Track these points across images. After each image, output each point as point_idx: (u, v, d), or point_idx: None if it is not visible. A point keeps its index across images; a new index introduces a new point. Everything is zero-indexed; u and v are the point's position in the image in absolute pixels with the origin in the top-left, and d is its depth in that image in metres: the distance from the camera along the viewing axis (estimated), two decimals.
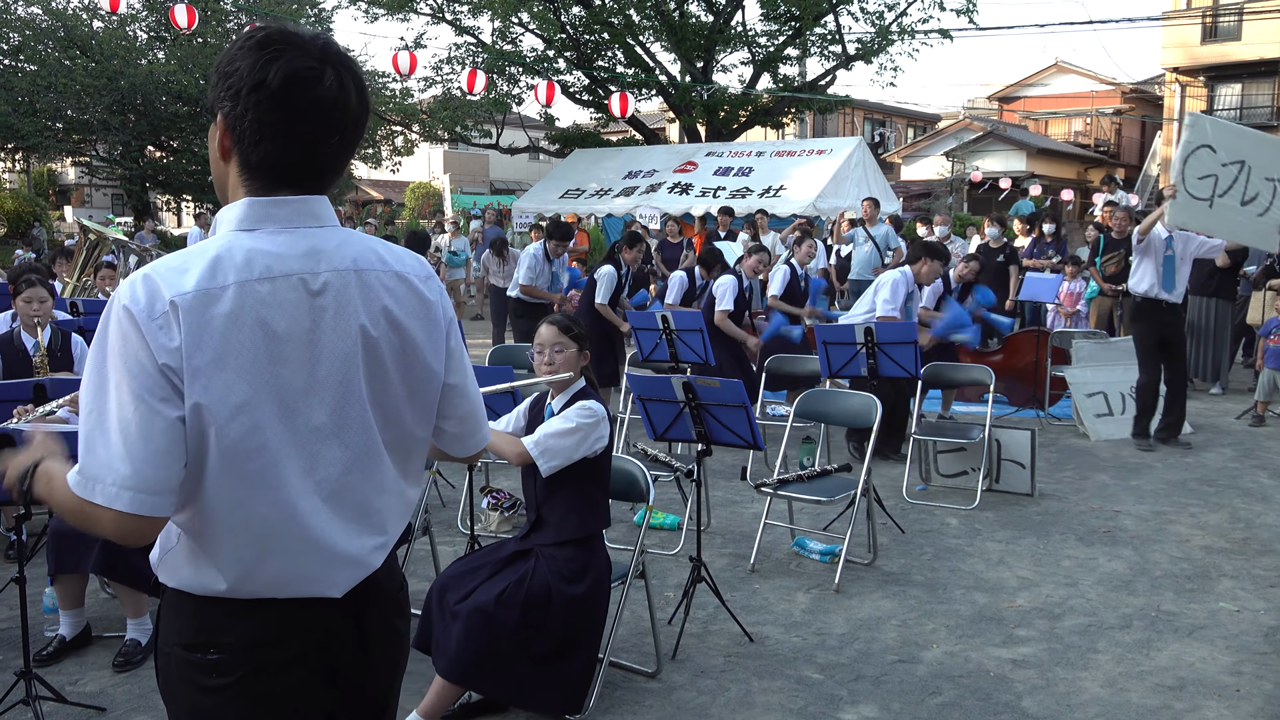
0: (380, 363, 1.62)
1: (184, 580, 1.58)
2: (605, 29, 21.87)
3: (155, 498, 1.45)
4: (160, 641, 1.63)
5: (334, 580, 1.61)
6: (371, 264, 1.63)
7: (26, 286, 5.40)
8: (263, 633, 1.58)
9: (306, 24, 24.70)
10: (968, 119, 34.59)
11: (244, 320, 1.48)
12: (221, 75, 1.54)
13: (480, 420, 1.84)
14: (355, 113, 1.58)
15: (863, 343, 6.06)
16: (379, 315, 1.61)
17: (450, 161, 34.83)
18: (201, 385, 1.46)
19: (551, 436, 3.39)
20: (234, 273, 1.49)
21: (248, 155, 1.55)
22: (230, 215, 1.57)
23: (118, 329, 1.45)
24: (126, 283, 1.48)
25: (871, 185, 17.01)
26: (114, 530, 1.46)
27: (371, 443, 1.63)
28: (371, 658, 1.70)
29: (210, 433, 1.47)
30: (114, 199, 36.18)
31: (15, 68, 24.70)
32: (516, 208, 19.26)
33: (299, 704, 1.62)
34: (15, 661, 3.75)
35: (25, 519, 3.45)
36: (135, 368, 1.43)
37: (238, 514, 1.52)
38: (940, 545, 5.40)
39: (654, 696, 3.69)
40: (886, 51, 22.25)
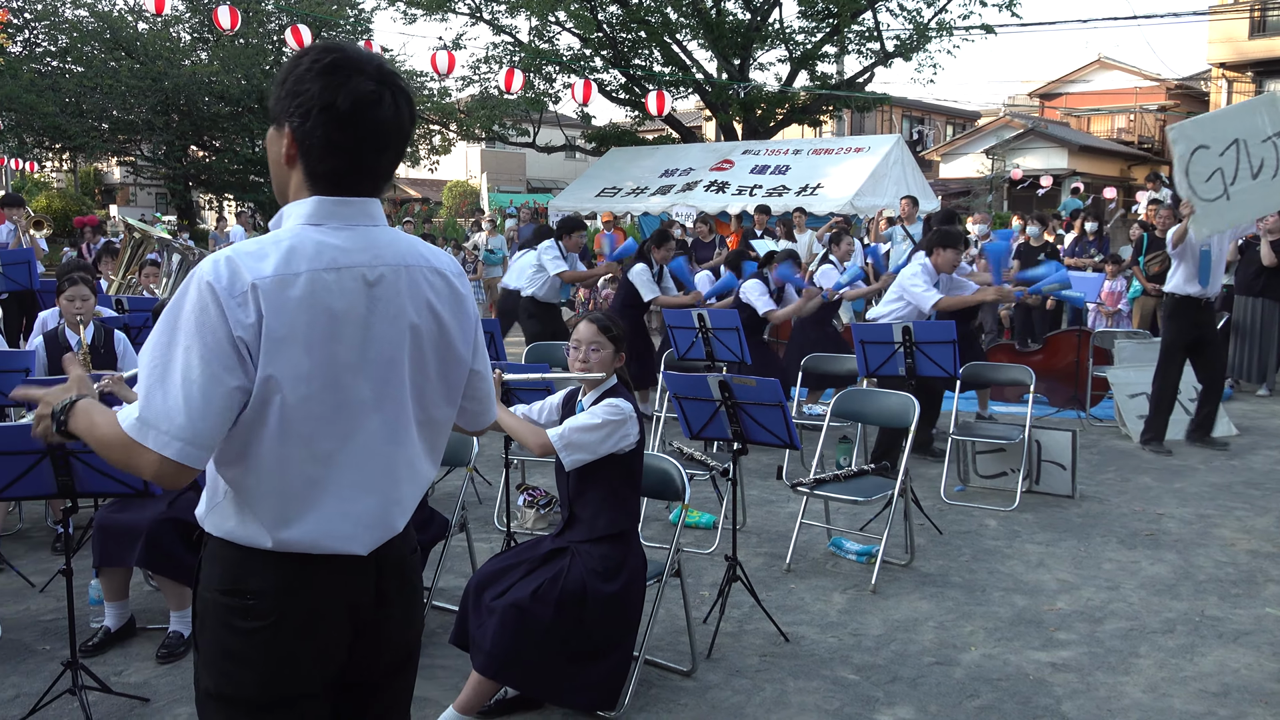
0: (420, 348, 1.82)
1: (228, 531, 1.75)
2: (642, 27, 21.84)
3: (199, 451, 1.62)
4: (200, 586, 1.80)
5: (361, 539, 1.78)
6: (417, 261, 1.83)
7: (69, 285, 5.50)
8: (294, 582, 1.74)
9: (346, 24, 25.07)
10: (1008, 116, 34.20)
11: (312, 303, 1.68)
12: (291, 93, 1.72)
13: (493, 400, 2.08)
14: (406, 129, 1.80)
15: (900, 342, 6.02)
16: (422, 306, 1.82)
17: (487, 160, 35.01)
18: (274, 358, 1.64)
19: (576, 430, 3.40)
20: (305, 262, 1.69)
21: (314, 167, 1.75)
22: (299, 211, 1.76)
23: (198, 299, 1.62)
24: (209, 261, 1.65)
25: (910, 183, 16.86)
26: (153, 472, 1.62)
27: (405, 419, 1.82)
28: (388, 611, 1.86)
29: (275, 400, 1.66)
30: (158, 198, 36.73)
31: (63, 69, 25.17)
32: (553, 206, 19.31)
33: (322, 650, 1.79)
34: (62, 652, 3.82)
35: (72, 512, 3.52)
36: (209, 337, 1.60)
37: (284, 473, 1.71)
38: (979, 547, 5.35)
39: (689, 695, 3.69)
40: (925, 49, 22.04)
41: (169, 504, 3.96)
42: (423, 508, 4.09)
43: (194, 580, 1.83)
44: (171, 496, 3.98)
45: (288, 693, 1.78)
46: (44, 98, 22.88)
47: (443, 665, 3.84)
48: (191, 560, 3.90)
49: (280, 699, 1.77)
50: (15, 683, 3.79)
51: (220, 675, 1.77)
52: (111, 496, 3.78)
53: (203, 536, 1.82)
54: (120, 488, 3.54)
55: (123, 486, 3.54)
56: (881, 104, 25.94)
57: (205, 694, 1.79)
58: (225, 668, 1.76)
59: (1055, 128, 32.95)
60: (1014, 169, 27.79)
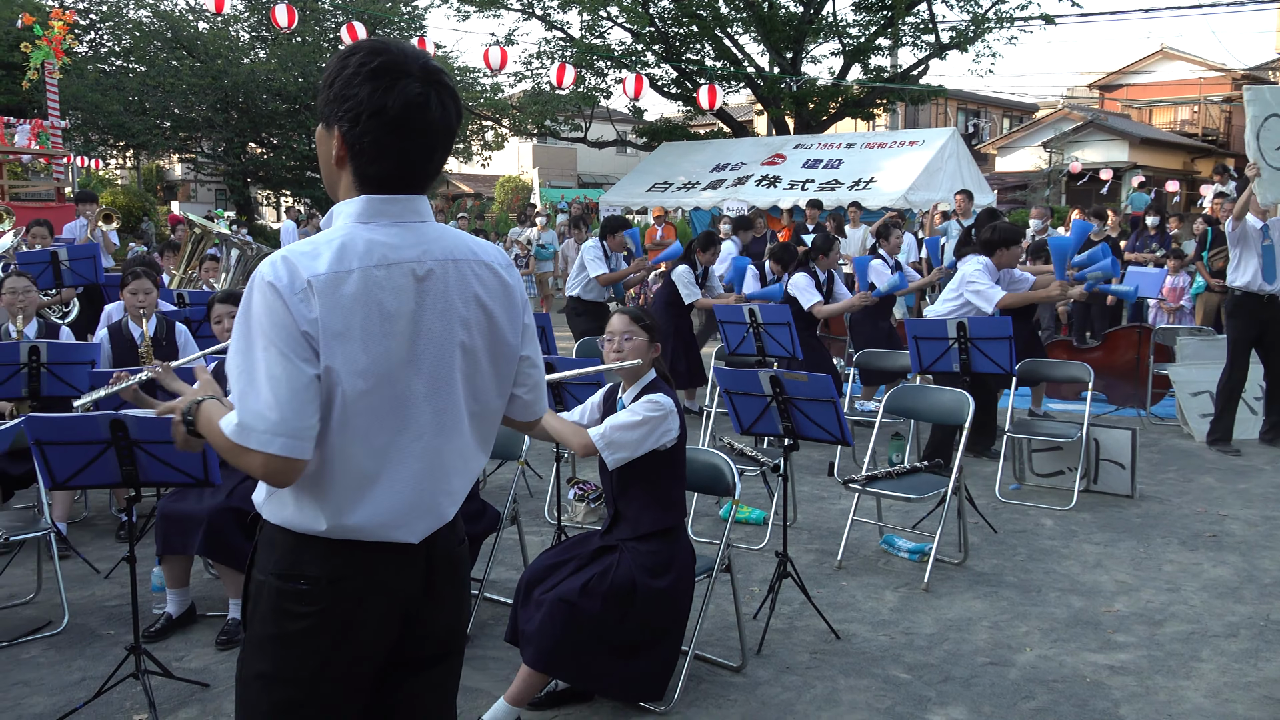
0: (471, 340, 1.86)
1: (286, 518, 1.81)
2: (694, 21, 21.78)
3: (299, 442, 1.68)
4: (255, 570, 1.86)
5: (413, 528, 1.84)
6: (464, 255, 1.87)
7: (132, 279, 5.65)
8: (346, 569, 1.79)
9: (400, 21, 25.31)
10: (1067, 108, 33.54)
11: (365, 299, 1.72)
12: (339, 97, 1.75)
13: (544, 390, 2.10)
14: (453, 128, 1.84)
15: (955, 337, 5.94)
16: (471, 299, 1.86)
17: (539, 155, 35.18)
18: (332, 352, 1.70)
19: (617, 429, 3.39)
20: (357, 259, 1.73)
21: (364, 169, 1.79)
22: (349, 210, 1.80)
23: (263, 300, 1.69)
24: (267, 262, 1.71)
25: (965, 177, 16.63)
26: (263, 471, 1.70)
27: (457, 411, 1.86)
28: (436, 599, 1.91)
29: (337, 392, 1.72)
30: (217, 194, 37.46)
31: (126, 69, 25.76)
32: (604, 201, 19.35)
33: (372, 635, 1.84)
34: (126, 637, 3.92)
35: (136, 500, 3.61)
36: (281, 332, 1.67)
37: (342, 464, 1.76)
38: (1034, 546, 5.27)
39: (738, 691, 3.68)
40: (983, 39, 21.70)
41: (228, 494, 4.05)
42: (474, 500, 4.14)
43: (247, 564, 1.89)
44: (230, 486, 4.06)
45: (337, 675, 1.82)
46: (108, 97, 23.45)
47: (494, 657, 3.88)
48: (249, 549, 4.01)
49: (330, 681, 1.82)
50: (81, 666, 3.90)
51: (273, 657, 1.81)
52: (173, 486, 3.87)
53: (250, 527, 1.89)
54: (181, 477, 3.62)
55: (184, 476, 3.61)
56: (936, 97, 25.62)
57: (256, 674, 1.83)
58: (277, 650, 1.81)
59: (1116, 120, 32.26)
60: (1073, 162, 27.24)
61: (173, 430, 1.90)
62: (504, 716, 3.31)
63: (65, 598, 4.32)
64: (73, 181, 14.82)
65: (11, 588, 4.64)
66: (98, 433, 3.46)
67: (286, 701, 1.81)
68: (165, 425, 3.46)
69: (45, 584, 4.57)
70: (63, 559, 4.58)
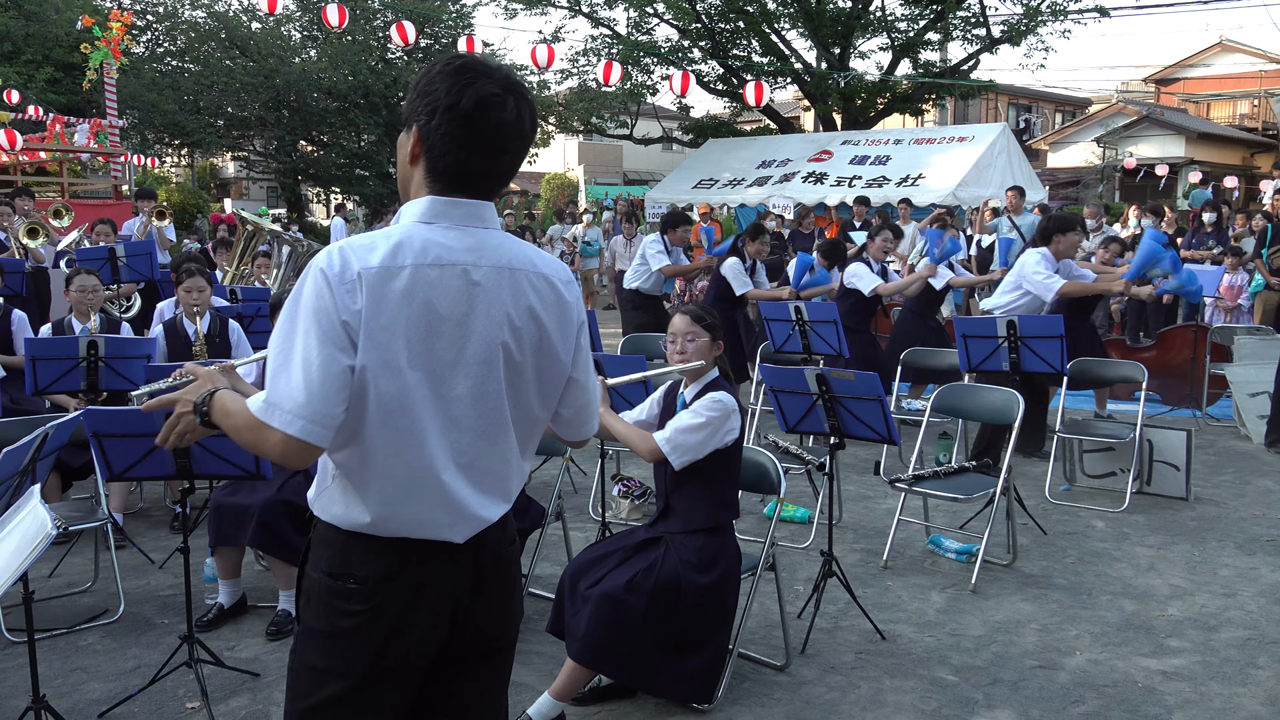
0: (520, 350, 1.86)
1: (335, 515, 1.84)
2: (741, 17, 21.70)
3: (321, 429, 1.70)
4: (308, 567, 1.89)
5: (458, 529, 1.85)
6: (524, 265, 1.88)
7: (186, 276, 5.77)
8: (395, 568, 1.82)
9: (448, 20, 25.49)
10: (1121, 103, 32.91)
11: (414, 297, 1.74)
12: (420, 94, 1.80)
13: (592, 414, 2.09)
14: (526, 135, 1.86)
15: (1005, 336, 5.86)
16: (524, 309, 1.86)
17: (585, 152, 35.28)
18: (372, 345, 1.71)
19: (682, 432, 3.40)
20: (411, 256, 1.75)
21: (435, 163, 1.81)
22: (414, 209, 1.83)
23: (313, 287, 1.71)
24: (325, 251, 1.75)
25: (1016, 173, 16.39)
26: (279, 451, 1.71)
27: (501, 416, 1.87)
28: (485, 597, 1.92)
29: (372, 387, 1.73)
30: (269, 191, 38.04)
31: (182, 68, 26.26)
32: (649, 198, 19.36)
33: (422, 633, 1.85)
34: (179, 626, 4.00)
35: (189, 493, 3.68)
36: (324, 320, 1.69)
37: (388, 461, 1.78)
38: (1085, 548, 5.18)
39: (782, 690, 3.67)
40: (1035, 33, 21.36)
41: (279, 487, 4.11)
42: (519, 495, 4.16)
43: (301, 560, 1.92)
44: (281, 480, 4.12)
45: (386, 670, 1.85)
46: (164, 96, 23.91)
47: (539, 651, 3.90)
48: (300, 542, 4.05)
49: (379, 676, 1.84)
50: (136, 654, 3.99)
51: (324, 651, 1.84)
52: (226, 479, 3.94)
53: (306, 523, 1.93)
54: (234, 470, 3.69)
55: (236, 469, 3.68)
56: (987, 92, 25.28)
57: (307, 666, 1.87)
58: (329, 645, 1.84)
59: (1172, 114, 31.58)
60: (1127, 158, 26.76)
61: (178, 423, 1.90)
62: (549, 711, 3.33)
63: (121, 587, 4.42)
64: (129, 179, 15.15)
65: (70, 576, 4.76)
66: (154, 426, 3.53)
67: (336, 695, 1.84)
68: None
69: (102, 573, 4.68)
70: (119, 549, 4.69)
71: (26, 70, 20.57)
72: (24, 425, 4.29)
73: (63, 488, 5.12)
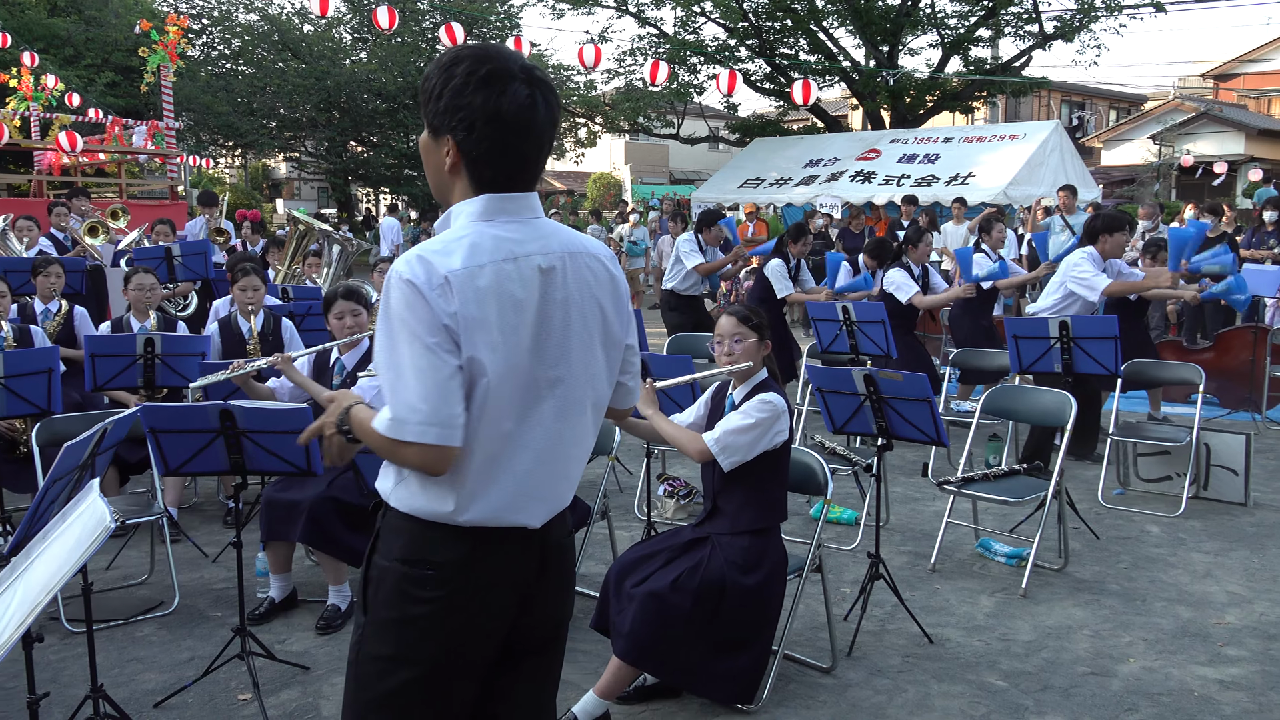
0: (586, 328, 1.94)
1: (415, 506, 1.87)
2: (788, 15, 21.58)
3: (450, 430, 1.75)
4: (379, 556, 1.91)
5: (535, 512, 1.91)
6: (578, 248, 1.95)
7: (242, 275, 5.87)
8: (472, 555, 1.86)
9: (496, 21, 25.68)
10: (1178, 99, 32.21)
11: (498, 291, 1.80)
12: (450, 108, 1.82)
13: (639, 375, 2.17)
14: (557, 122, 1.93)
15: (1057, 336, 5.76)
16: (586, 290, 1.93)
17: (631, 152, 35.31)
18: (473, 342, 1.77)
19: (731, 433, 3.39)
20: (488, 255, 1.81)
21: (481, 173, 1.86)
22: (470, 209, 1.87)
23: (402, 298, 1.75)
24: (402, 262, 1.77)
25: (1069, 171, 16.14)
26: (418, 461, 1.76)
27: (575, 398, 1.93)
28: (547, 585, 1.98)
29: (480, 381, 1.79)
30: (320, 192, 38.57)
31: (235, 71, 26.73)
32: (695, 197, 19.33)
33: (493, 620, 1.91)
34: (231, 619, 4.07)
35: (242, 488, 3.74)
36: (423, 326, 1.73)
37: (471, 452, 1.82)
38: (1139, 554, 5.08)
39: (828, 692, 3.64)
40: (1089, 29, 20.99)
41: (329, 483, 4.17)
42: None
43: (368, 550, 1.94)
44: (332, 476, 4.18)
45: (457, 658, 1.88)
46: (218, 98, 24.38)
47: (583, 650, 3.91)
48: (349, 539, 4.13)
49: (450, 663, 1.88)
50: (190, 646, 4.06)
51: (395, 640, 1.87)
52: (278, 474, 4.00)
53: (372, 514, 1.95)
54: (286, 466, 3.74)
55: (288, 465, 3.74)
56: (1039, 88, 24.87)
57: (374, 657, 1.89)
58: (400, 633, 1.86)
59: (1231, 110, 30.82)
60: (1184, 155, 26.17)
61: (326, 444, 1.95)
62: (594, 709, 3.34)
63: (176, 580, 4.51)
64: (185, 180, 15.46)
65: (127, 569, 4.87)
66: (208, 422, 3.60)
67: (406, 683, 1.86)
68: (271, 416, 3.59)
69: (158, 566, 4.78)
70: (174, 542, 4.77)
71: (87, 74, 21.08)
72: (84, 420, 4.40)
73: (120, 482, 5.23)
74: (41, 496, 3.02)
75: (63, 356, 5.38)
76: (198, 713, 3.52)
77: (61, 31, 21.63)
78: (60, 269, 6.45)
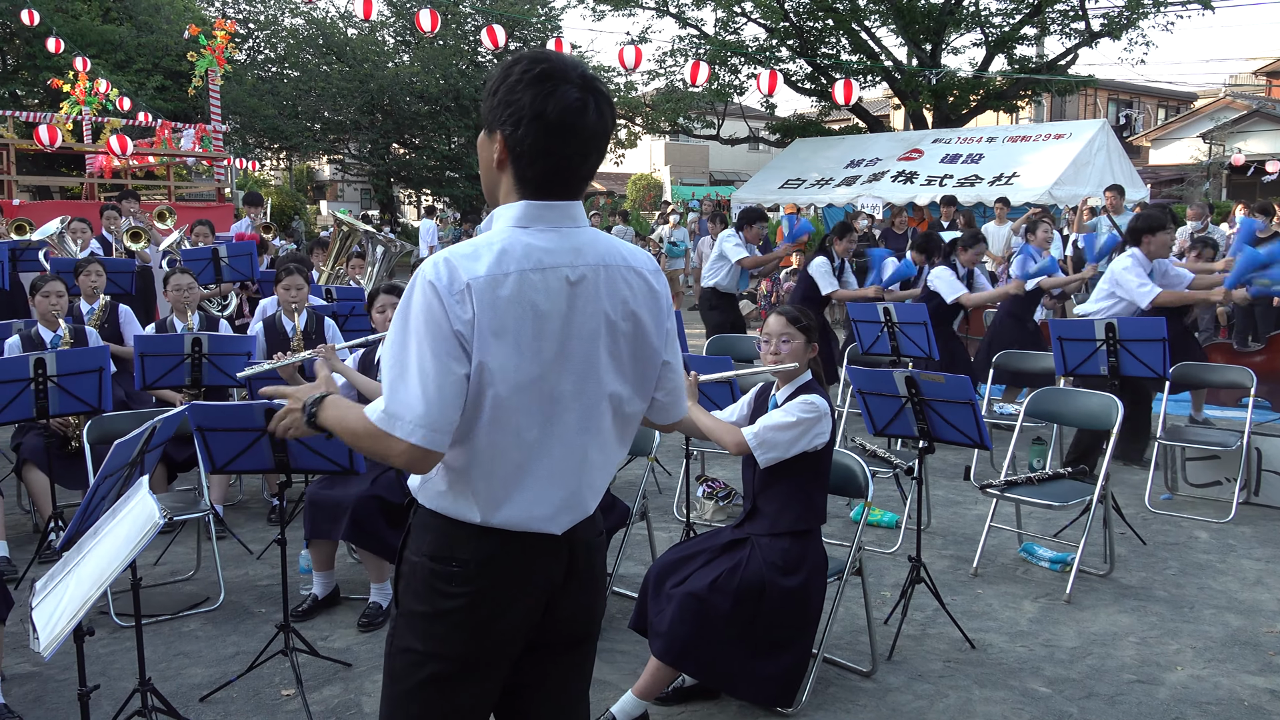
0: (616, 343, 1.93)
1: (441, 505, 1.90)
2: (829, 15, 21.44)
3: (440, 435, 1.76)
4: (409, 551, 1.95)
5: (558, 520, 1.92)
6: (615, 260, 1.94)
7: (286, 275, 5.97)
8: (496, 555, 1.88)
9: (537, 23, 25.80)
10: (1229, 97, 31.57)
11: (520, 301, 1.79)
12: (503, 103, 1.83)
13: (684, 395, 2.15)
14: (608, 132, 1.90)
15: (1103, 339, 5.68)
16: (619, 303, 1.92)
17: (671, 153, 35.31)
18: (486, 350, 1.77)
19: (771, 429, 3.38)
20: (514, 262, 1.81)
21: (524, 171, 1.85)
22: (509, 214, 1.88)
23: (422, 299, 1.76)
24: (430, 263, 1.79)
25: (1116, 171, 15.87)
26: (404, 460, 1.78)
27: (600, 410, 1.93)
28: (574, 587, 1.99)
29: (489, 391, 1.79)
30: (363, 193, 38.98)
31: (281, 75, 27.09)
32: (735, 198, 19.27)
33: (518, 617, 1.92)
34: (276, 615, 4.13)
35: (286, 486, 3.80)
36: (435, 330, 1.75)
37: (495, 459, 1.85)
38: (1187, 560, 4.99)
39: (868, 696, 3.62)
40: (1137, 26, 20.63)
41: (372, 482, 4.21)
42: (605, 494, 4.19)
43: (400, 544, 1.97)
44: (374, 475, 4.22)
45: (482, 653, 1.91)
46: (264, 101, 24.72)
47: (622, 650, 3.92)
48: (391, 537, 4.16)
49: (475, 658, 1.91)
50: (235, 641, 4.12)
51: (423, 634, 1.91)
52: (321, 473, 4.05)
53: (407, 511, 1.98)
54: (329, 465, 3.79)
55: (331, 464, 3.78)
56: (1085, 87, 24.49)
57: (404, 649, 1.93)
58: (428, 627, 1.90)
59: None
60: (1235, 154, 25.64)
61: (285, 417, 2.00)
62: (632, 709, 3.34)
63: (221, 576, 4.58)
64: (231, 182, 15.70)
65: (174, 565, 4.95)
66: (254, 421, 3.66)
67: (433, 676, 1.90)
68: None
69: (204, 562, 4.86)
70: (220, 539, 4.85)
71: (137, 79, 21.48)
72: (133, 418, 4.48)
73: (168, 479, 5.33)
74: (92, 493, 3.08)
75: None
76: (242, 707, 3.58)
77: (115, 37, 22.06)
78: (100, 268, 6.55)
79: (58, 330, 5.63)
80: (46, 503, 4.94)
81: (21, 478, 5.27)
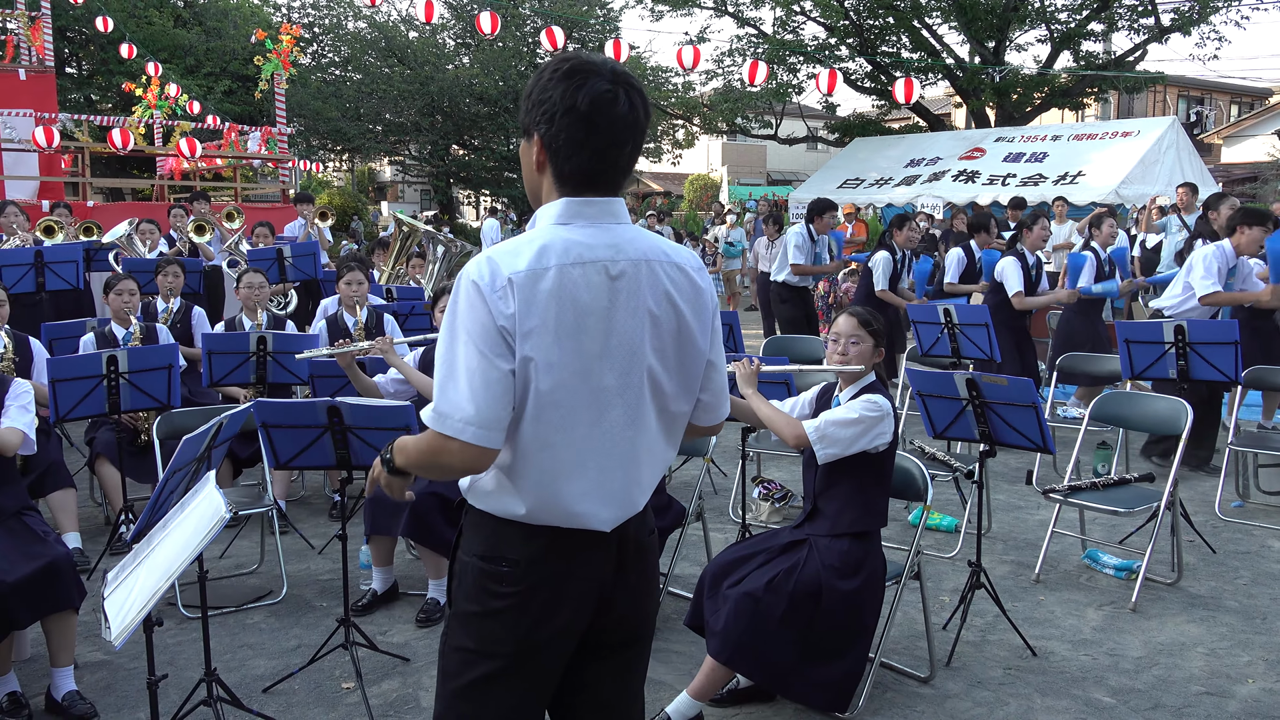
0: (660, 338, 1.92)
1: (490, 505, 1.92)
2: (890, 13, 21.20)
3: (491, 433, 1.78)
4: (460, 551, 1.97)
5: (605, 517, 1.91)
6: (658, 256, 1.93)
7: (347, 270, 6.13)
8: (545, 554, 1.89)
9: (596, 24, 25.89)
10: None
11: (560, 295, 1.80)
12: (535, 103, 1.86)
13: (727, 395, 2.12)
14: (641, 124, 1.89)
15: (1172, 342, 5.54)
16: (662, 298, 1.91)
17: (728, 153, 35.19)
18: (528, 345, 1.78)
19: (832, 424, 3.35)
20: (554, 258, 1.82)
21: (561, 167, 1.87)
22: (550, 212, 1.89)
23: (467, 298, 1.79)
24: (473, 262, 1.82)
25: (1186, 169, 15.49)
26: (459, 460, 1.80)
27: (645, 406, 1.92)
28: (626, 585, 1.98)
29: (531, 386, 1.80)
30: (423, 195, 39.46)
31: (344, 78, 27.55)
32: (793, 198, 19.16)
33: (569, 616, 1.93)
34: (336, 609, 4.20)
35: (348, 482, 3.86)
36: (480, 329, 1.77)
37: (542, 454, 1.85)
38: (1259, 569, 4.85)
39: (926, 703, 3.57)
40: (1208, 21, 20.08)
41: (431, 479, 4.26)
42: (660, 494, 4.19)
43: (454, 545, 2.00)
44: None
45: (534, 652, 1.92)
46: (328, 104, 25.16)
47: (677, 650, 3.92)
48: (450, 533, 4.20)
49: (527, 657, 1.92)
50: (297, 634, 4.20)
51: (475, 632, 1.93)
52: None
53: (464, 508, 1.99)
54: None
55: None
56: (1154, 84, 23.90)
57: (457, 647, 1.96)
58: (480, 626, 1.92)
59: None
60: None
61: (385, 487, 2.02)
62: (687, 710, 3.34)
63: (284, 569, 4.67)
64: (295, 184, 16.02)
65: (239, 558, 5.06)
66: (317, 418, 3.73)
67: (485, 675, 1.92)
68: (375, 413, 3.69)
69: (267, 556, 4.95)
70: (283, 534, 4.95)
71: (206, 83, 22.03)
72: (201, 415, 4.59)
73: (233, 474, 5.45)
74: (161, 487, 3.15)
75: None
76: (304, 699, 3.64)
77: (185, 42, 22.62)
78: (179, 268, 6.77)
79: (129, 327, 5.80)
80: (118, 496, 5.08)
81: (94, 471, 5.43)
